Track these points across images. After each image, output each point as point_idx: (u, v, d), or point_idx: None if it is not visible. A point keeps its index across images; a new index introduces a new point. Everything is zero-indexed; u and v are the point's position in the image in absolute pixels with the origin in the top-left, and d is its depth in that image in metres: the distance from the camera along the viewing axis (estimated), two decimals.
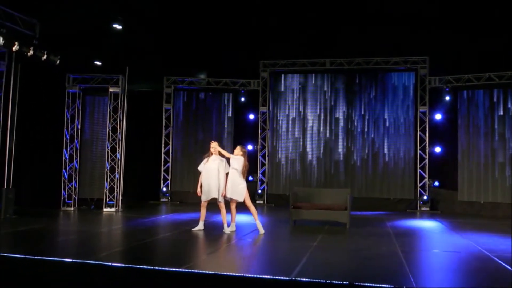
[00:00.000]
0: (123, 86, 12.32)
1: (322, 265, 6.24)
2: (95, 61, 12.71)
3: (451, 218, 11.74)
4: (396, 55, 13.84)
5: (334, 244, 7.95)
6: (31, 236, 8.14)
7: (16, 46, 9.17)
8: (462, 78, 13.31)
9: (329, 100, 14.40)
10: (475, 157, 12.95)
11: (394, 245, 7.63)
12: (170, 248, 7.53)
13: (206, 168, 8.48)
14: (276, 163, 14.59)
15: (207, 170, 8.45)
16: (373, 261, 6.48)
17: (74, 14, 10.69)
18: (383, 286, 5.02)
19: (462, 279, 5.88)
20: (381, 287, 5.01)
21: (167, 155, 14.86)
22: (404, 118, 13.90)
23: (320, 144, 14.34)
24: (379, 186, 13.94)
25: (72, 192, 12.22)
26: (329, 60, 14.32)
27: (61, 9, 10.41)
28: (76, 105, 12.44)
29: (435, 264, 6.71)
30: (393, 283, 5.12)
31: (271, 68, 14.78)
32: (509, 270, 6.01)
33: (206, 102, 15.00)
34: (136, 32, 12.34)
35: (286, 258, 6.72)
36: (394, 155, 13.88)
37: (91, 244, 7.74)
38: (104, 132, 12.51)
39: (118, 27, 11.16)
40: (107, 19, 11.16)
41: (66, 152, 12.28)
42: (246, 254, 7.21)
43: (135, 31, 12.25)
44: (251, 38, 13.17)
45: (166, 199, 14.57)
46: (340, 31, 12.63)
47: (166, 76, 14.98)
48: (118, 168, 12.16)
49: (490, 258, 6.76)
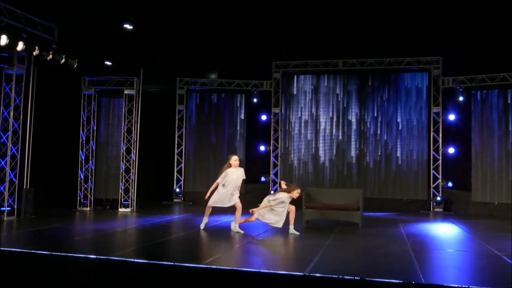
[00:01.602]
0: (138, 88, 12.84)
1: (335, 262, 6.66)
2: (106, 61, 13.20)
3: (464, 218, 12.07)
4: (409, 55, 14.19)
5: (346, 243, 8.37)
6: (54, 234, 8.66)
7: (37, 51, 9.71)
8: (476, 78, 13.61)
9: (342, 102, 14.79)
10: (489, 159, 13.25)
11: (406, 244, 8.03)
12: (187, 246, 7.99)
13: (227, 180, 8.92)
14: (289, 164, 15.01)
15: (229, 181, 8.90)
16: (384, 259, 6.88)
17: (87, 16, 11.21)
18: (393, 281, 5.43)
19: (470, 276, 6.26)
20: (391, 282, 5.41)
21: (180, 156, 15.36)
22: (417, 119, 14.24)
23: (333, 146, 14.73)
24: (391, 187, 14.30)
25: (88, 193, 12.77)
26: (341, 61, 14.71)
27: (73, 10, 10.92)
28: (91, 107, 13.00)
29: (444, 262, 7.09)
30: (402, 279, 5.52)
31: (283, 69, 15.21)
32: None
33: (218, 103, 15.48)
34: (148, 33, 12.84)
35: (300, 256, 7.16)
36: (407, 157, 14.22)
37: (112, 242, 8.25)
38: (119, 133, 13.05)
39: (129, 27, 11.60)
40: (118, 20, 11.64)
41: (82, 153, 12.83)
42: (261, 252, 7.66)
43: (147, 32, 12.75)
44: (263, 39, 13.59)
45: (179, 200, 15.07)
46: (353, 31, 13.01)
47: (179, 78, 15.48)
48: (133, 169, 12.68)
49: (499, 257, 7.13)
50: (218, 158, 14.88)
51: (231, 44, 13.90)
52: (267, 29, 13.11)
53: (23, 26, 9.57)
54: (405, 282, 5.44)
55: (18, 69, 10.47)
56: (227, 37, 13.52)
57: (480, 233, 9.61)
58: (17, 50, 9.55)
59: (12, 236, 8.57)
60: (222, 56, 14.76)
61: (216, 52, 14.48)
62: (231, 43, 13.88)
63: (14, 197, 10.51)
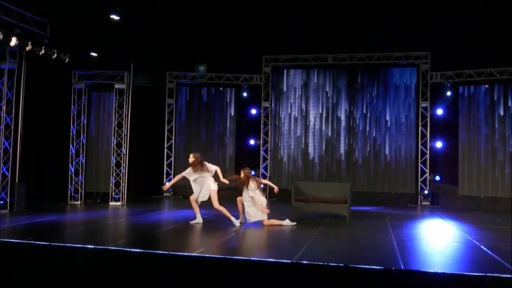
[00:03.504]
0: (128, 82, 13.33)
1: (322, 251, 7.29)
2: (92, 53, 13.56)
3: (450, 212, 12.78)
4: (398, 50, 14.81)
5: (333, 234, 9.02)
6: (48, 226, 9.20)
7: (29, 46, 10.18)
8: (464, 73, 14.29)
9: (331, 98, 15.39)
10: (475, 155, 13.95)
11: (390, 235, 8.68)
12: (181, 237, 8.58)
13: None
14: (279, 160, 15.62)
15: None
16: (368, 248, 7.53)
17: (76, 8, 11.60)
18: (374, 267, 6.05)
19: (447, 263, 6.92)
20: (372, 269, 6.04)
21: (170, 150, 15.89)
22: (405, 115, 14.87)
23: (322, 142, 15.34)
24: (380, 181, 14.96)
25: (78, 187, 13.29)
26: (331, 56, 15.30)
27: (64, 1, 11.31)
28: (82, 101, 13.47)
29: (425, 251, 7.75)
30: (383, 266, 6.15)
31: (273, 63, 15.77)
32: (493, 257, 7.04)
33: (208, 99, 16.01)
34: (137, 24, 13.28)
35: (288, 245, 7.79)
36: (396, 153, 14.87)
37: (106, 233, 8.81)
38: (110, 127, 13.56)
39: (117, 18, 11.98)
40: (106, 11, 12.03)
41: (73, 147, 13.33)
42: (252, 242, 8.26)
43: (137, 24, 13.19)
44: (253, 32, 14.10)
45: (169, 194, 15.62)
46: (342, 26, 13.58)
47: (168, 71, 15.98)
48: (124, 163, 13.20)
49: (477, 246, 7.80)
50: (209, 153, 15.44)
51: (221, 37, 14.40)
52: (257, 23, 13.62)
53: (16, 22, 10.02)
54: (385, 268, 6.07)
55: (10, 63, 10.93)
56: (217, 29, 14.01)
57: (463, 225, 10.29)
58: (10, 45, 10.00)
59: (8, 229, 9.08)
60: (212, 50, 15.28)
61: (206, 45, 14.98)
62: (222, 36, 14.38)
63: (6, 191, 11.00)
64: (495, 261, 6.73)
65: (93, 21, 12.34)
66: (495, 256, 6.99)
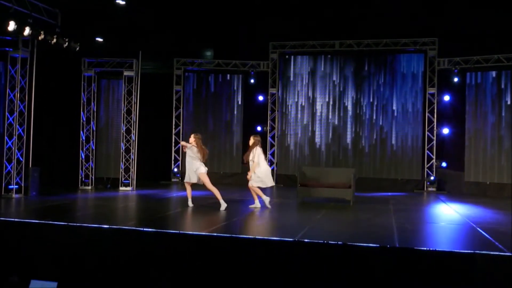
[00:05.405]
0: (137, 70, 14.02)
1: (323, 232, 7.99)
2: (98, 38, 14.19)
3: (456, 197, 13.39)
4: (406, 36, 15.32)
5: (336, 216, 9.73)
6: (63, 209, 9.98)
7: (42, 35, 10.87)
8: (471, 59, 14.77)
9: (338, 86, 15.95)
10: (482, 142, 14.48)
11: (391, 218, 9.35)
12: (190, 218, 9.32)
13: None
14: (285, 147, 16.28)
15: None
16: (368, 229, 8.21)
17: None
18: (370, 245, 6.73)
19: (441, 242, 7.59)
20: (368, 246, 6.71)
21: (177, 137, 16.60)
22: (412, 103, 15.41)
23: (329, 130, 15.93)
24: (386, 168, 15.56)
25: (89, 172, 14.07)
26: (338, 42, 15.84)
27: None
28: (91, 88, 14.20)
29: (422, 232, 8.43)
30: (379, 244, 6.82)
31: (280, 49, 16.35)
32: (486, 237, 7.68)
33: (216, 87, 16.66)
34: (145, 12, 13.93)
35: (292, 226, 8.49)
36: (402, 140, 15.42)
37: (120, 215, 9.58)
38: (119, 114, 14.28)
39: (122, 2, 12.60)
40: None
41: (83, 134, 14.09)
42: (258, 222, 8.98)
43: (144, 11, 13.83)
44: (260, 18, 14.70)
45: (177, 179, 16.37)
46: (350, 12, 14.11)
47: (176, 58, 16.62)
48: (133, 149, 13.94)
49: (473, 228, 8.45)
50: (216, 140, 16.15)
51: (228, 23, 15.01)
52: (264, 9, 14.19)
53: (29, 12, 10.71)
54: (381, 245, 6.74)
55: (23, 52, 11.64)
56: (225, 16, 14.61)
57: (465, 209, 10.92)
58: (23, 35, 10.70)
59: (26, 211, 9.87)
60: (219, 36, 15.90)
61: (213, 32, 15.61)
62: (229, 23, 14.99)
63: (21, 176, 11.78)
64: (487, 241, 7.38)
65: (101, 8, 13.00)
66: (488, 236, 7.64)
